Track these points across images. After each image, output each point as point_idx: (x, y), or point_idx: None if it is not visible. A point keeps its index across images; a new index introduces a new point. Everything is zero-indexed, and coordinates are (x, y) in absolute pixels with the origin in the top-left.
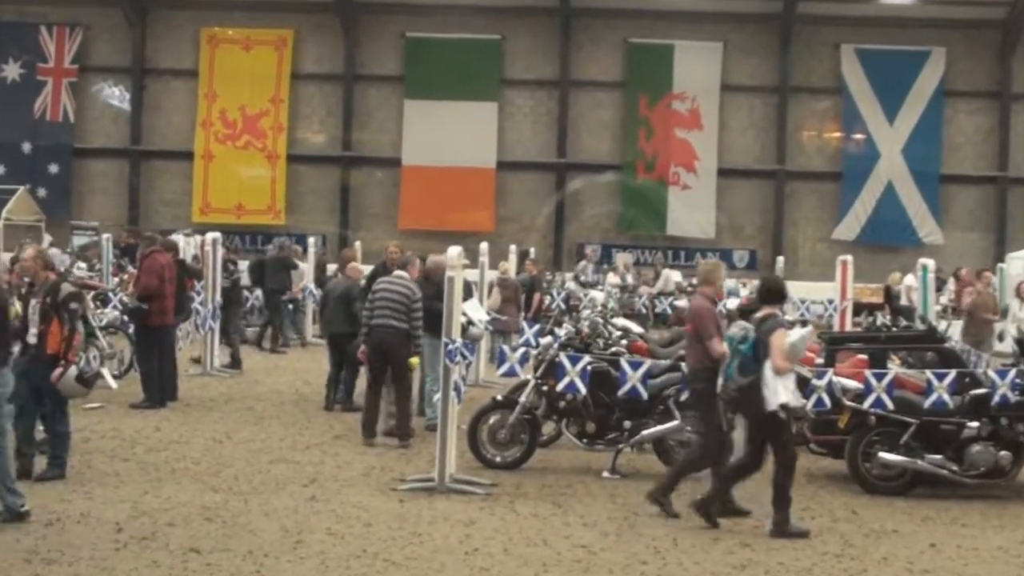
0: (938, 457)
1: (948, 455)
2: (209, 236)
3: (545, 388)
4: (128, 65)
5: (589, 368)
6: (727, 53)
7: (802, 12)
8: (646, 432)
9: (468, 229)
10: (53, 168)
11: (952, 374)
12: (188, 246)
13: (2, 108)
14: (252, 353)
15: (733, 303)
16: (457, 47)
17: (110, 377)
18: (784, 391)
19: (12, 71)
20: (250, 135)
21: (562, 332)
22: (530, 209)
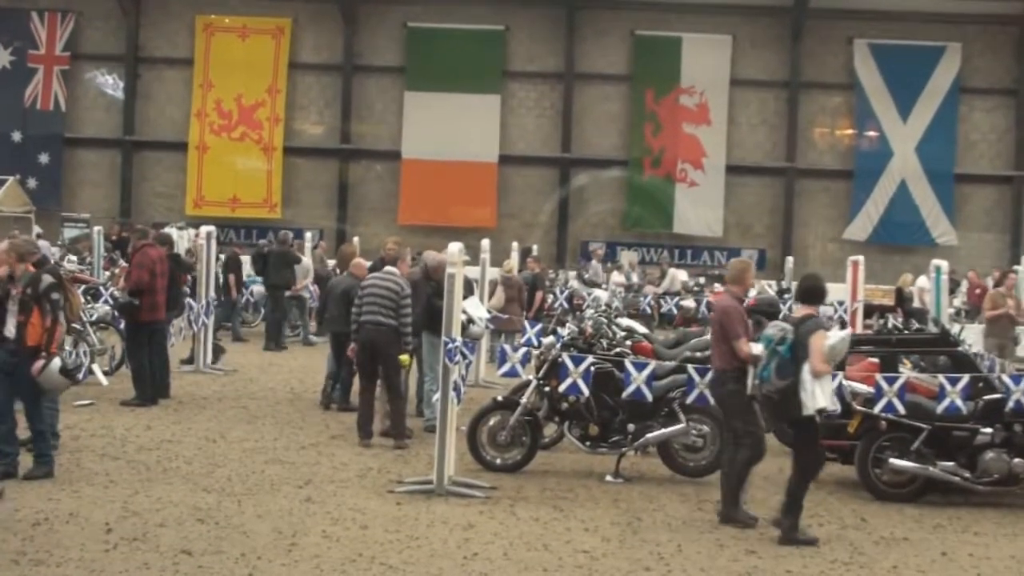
0: (950, 464)
1: (960, 462)
2: (203, 229)
3: (547, 389)
4: (121, 53)
5: (592, 369)
6: (737, 46)
7: (814, 5)
8: (651, 435)
9: (469, 225)
10: (43, 158)
11: (965, 378)
12: (181, 240)
13: None
14: (247, 351)
15: None
16: (459, 38)
17: (100, 374)
18: (822, 395)
19: (2, 58)
20: (246, 126)
21: (565, 332)
22: (533, 205)
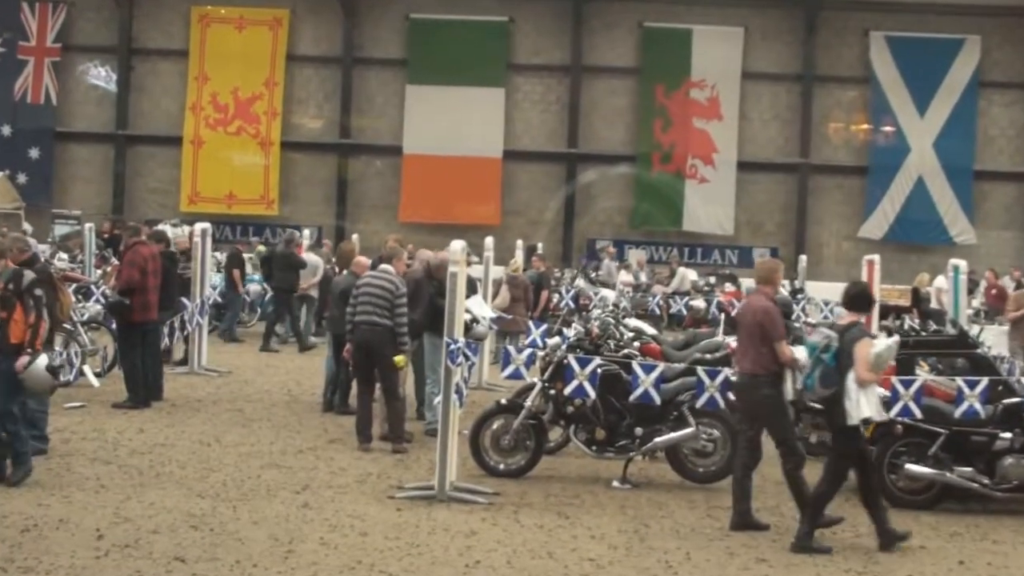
0: (968, 469)
1: (979, 467)
2: (198, 227)
3: (552, 392)
4: (114, 44)
5: (599, 371)
6: (749, 39)
7: None
8: (659, 439)
9: (472, 222)
10: (34, 153)
11: (984, 382)
12: (175, 237)
13: None
14: (243, 353)
15: None
16: (462, 29)
17: (92, 375)
18: (867, 404)
19: None
20: (242, 120)
21: (571, 333)
22: (538, 202)
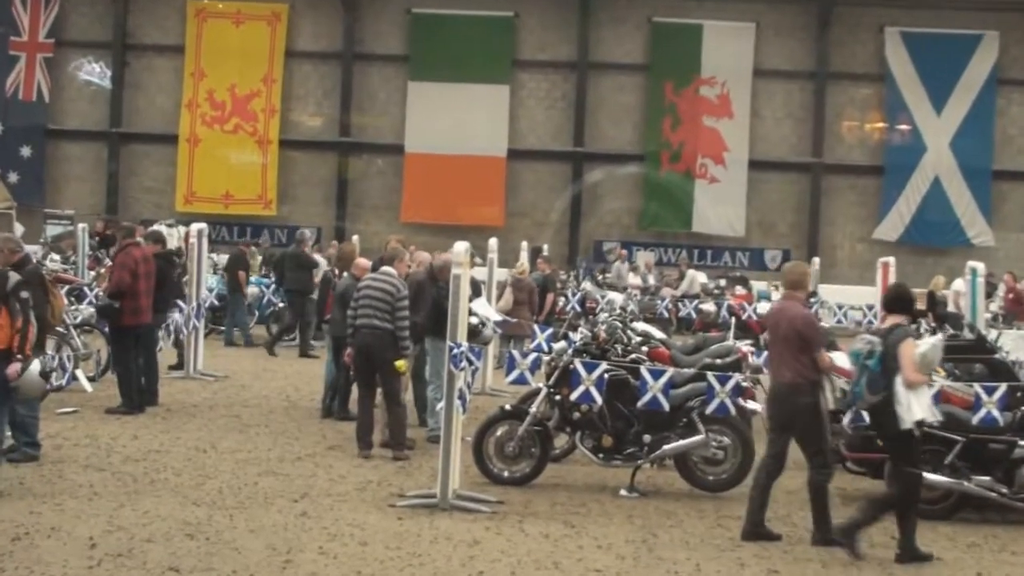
0: (986, 478)
1: (997, 476)
2: (194, 227)
3: (558, 397)
4: (108, 40)
5: (606, 376)
6: (760, 35)
7: None
8: (667, 447)
9: (476, 223)
10: (25, 151)
11: (1002, 388)
12: (171, 238)
13: None
14: (240, 357)
15: (764, 307)
16: (466, 24)
17: (85, 379)
18: (919, 407)
19: None
20: (240, 118)
21: (577, 337)
22: (543, 202)
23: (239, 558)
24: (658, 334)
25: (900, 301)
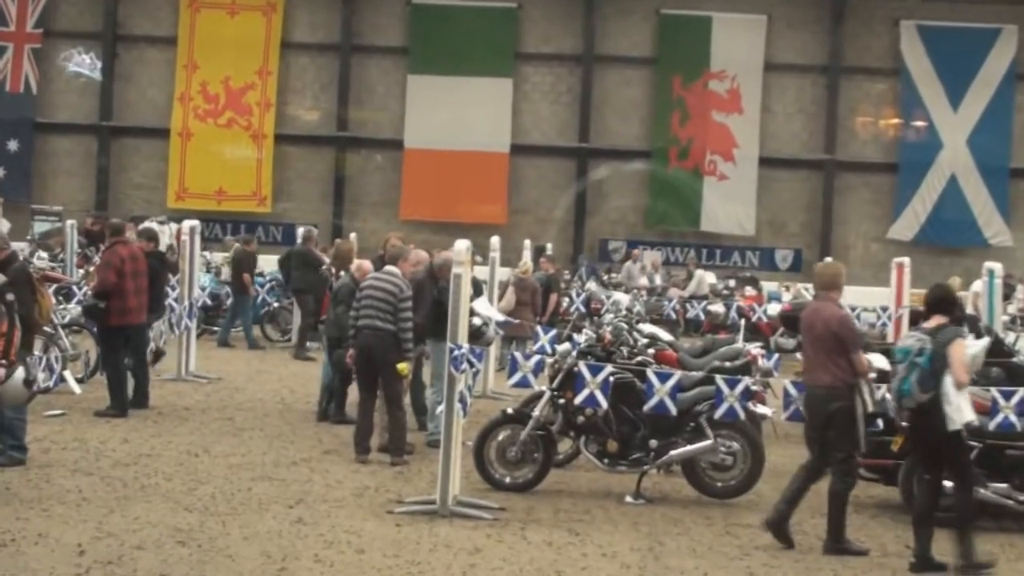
0: (1003, 486)
1: (1015, 483)
2: (186, 224)
3: (562, 401)
4: (99, 30)
5: (611, 379)
6: (772, 27)
7: None
8: (675, 452)
9: (477, 221)
10: (12, 145)
11: (1020, 392)
12: (162, 235)
13: None
14: (234, 359)
15: (775, 309)
16: (468, 16)
17: (73, 381)
18: (968, 409)
19: None
20: (234, 111)
21: (581, 338)
22: (547, 200)
23: (232, 566)
24: (665, 336)
25: (943, 303)
